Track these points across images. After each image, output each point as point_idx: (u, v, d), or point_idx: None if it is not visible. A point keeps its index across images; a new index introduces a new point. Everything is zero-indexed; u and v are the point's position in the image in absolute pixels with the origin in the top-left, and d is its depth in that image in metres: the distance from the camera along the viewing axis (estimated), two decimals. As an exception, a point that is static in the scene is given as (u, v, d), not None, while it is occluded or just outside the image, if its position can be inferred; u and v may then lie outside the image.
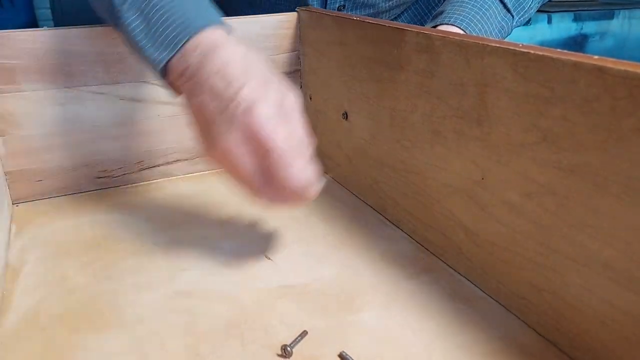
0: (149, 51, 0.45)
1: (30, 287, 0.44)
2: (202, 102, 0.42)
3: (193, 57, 0.43)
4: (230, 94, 0.41)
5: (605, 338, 0.33)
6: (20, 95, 0.56)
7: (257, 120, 0.40)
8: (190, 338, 0.38)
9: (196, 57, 0.43)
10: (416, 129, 0.47)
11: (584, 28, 1.74)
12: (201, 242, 0.51)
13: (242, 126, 0.40)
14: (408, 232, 0.52)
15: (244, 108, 0.40)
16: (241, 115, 0.40)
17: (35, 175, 0.59)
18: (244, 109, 0.40)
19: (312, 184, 0.42)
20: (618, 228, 0.31)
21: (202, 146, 0.44)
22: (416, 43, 0.45)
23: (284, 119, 0.41)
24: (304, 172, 0.41)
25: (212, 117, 0.42)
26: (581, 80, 0.31)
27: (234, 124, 0.41)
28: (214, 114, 0.42)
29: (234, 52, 0.43)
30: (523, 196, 0.37)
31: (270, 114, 0.40)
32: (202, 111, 0.43)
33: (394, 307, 0.41)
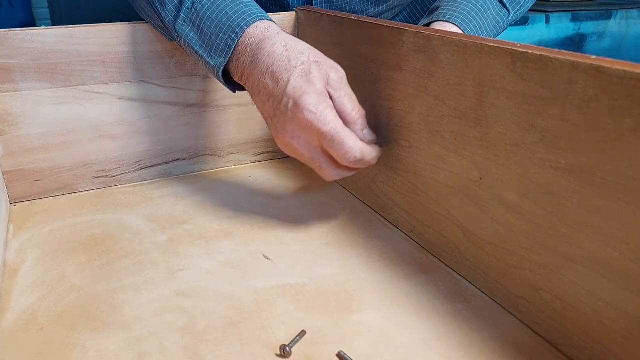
0: (207, 60, 0.50)
1: (28, 287, 0.44)
2: (261, 101, 0.48)
3: (244, 59, 0.49)
4: (279, 92, 0.46)
5: (603, 337, 0.33)
6: (18, 94, 0.56)
7: (305, 113, 0.44)
8: (189, 338, 0.38)
9: (247, 58, 0.49)
10: (414, 129, 0.48)
11: (581, 28, 1.75)
12: (199, 241, 0.51)
13: (294, 120, 0.45)
14: (406, 231, 0.52)
15: (292, 104, 0.45)
16: (291, 111, 0.45)
17: (33, 174, 0.59)
18: (292, 105, 0.45)
19: (369, 153, 0.47)
20: (616, 228, 0.31)
21: (274, 136, 0.49)
22: (414, 43, 0.45)
23: (331, 99, 0.46)
24: (357, 148, 0.45)
25: (270, 113, 0.47)
26: (579, 80, 0.31)
27: (287, 119, 0.45)
28: (271, 111, 0.47)
29: (275, 47, 0.47)
30: (521, 196, 0.37)
31: (315, 102, 0.44)
32: (263, 109, 0.48)
33: (392, 306, 0.41)
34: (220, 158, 0.68)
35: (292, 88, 0.45)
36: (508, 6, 0.64)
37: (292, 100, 0.45)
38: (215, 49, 0.50)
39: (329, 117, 0.44)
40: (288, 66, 0.46)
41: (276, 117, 0.47)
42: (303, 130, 0.45)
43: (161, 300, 0.42)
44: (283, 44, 0.47)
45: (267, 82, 0.47)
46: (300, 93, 0.44)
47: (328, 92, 0.46)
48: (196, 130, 0.65)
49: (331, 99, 0.46)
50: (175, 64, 0.61)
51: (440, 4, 0.64)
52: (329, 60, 0.48)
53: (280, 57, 0.47)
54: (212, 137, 0.66)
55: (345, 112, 0.46)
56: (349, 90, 0.47)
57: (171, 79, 0.62)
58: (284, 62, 0.46)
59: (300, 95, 0.44)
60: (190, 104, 0.64)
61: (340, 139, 0.44)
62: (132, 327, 0.39)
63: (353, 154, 0.45)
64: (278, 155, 0.72)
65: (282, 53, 0.47)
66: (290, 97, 0.45)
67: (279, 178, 0.65)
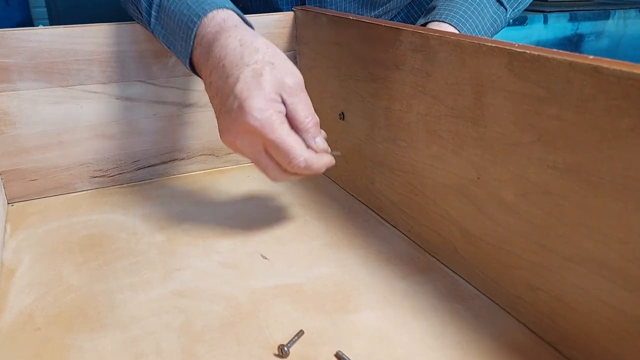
0: (177, 55, 0.50)
1: (25, 287, 0.44)
2: (210, 95, 0.46)
3: (200, 49, 0.47)
4: (227, 90, 0.43)
5: (600, 337, 0.33)
6: (15, 94, 0.56)
7: (248, 118, 0.42)
8: (186, 338, 0.38)
9: (203, 49, 0.46)
10: (412, 129, 0.47)
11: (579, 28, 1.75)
12: (197, 241, 0.51)
13: (237, 122, 0.42)
14: (404, 231, 0.52)
15: (237, 105, 0.42)
16: (235, 112, 0.42)
17: (30, 174, 0.59)
18: (237, 106, 0.42)
19: (316, 161, 0.44)
20: (613, 227, 0.31)
21: (219, 131, 0.46)
22: (412, 42, 0.45)
23: (284, 104, 0.43)
24: (302, 157, 0.43)
25: (217, 109, 0.45)
26: (576, 80, 0.31)
27: (231, 120, 0.43)
28: (217, 107, 0.45)
29: (229, 40, 0.44)
30: (518, 196, 0.37)
31: (261, 107, 0.42)
32: (212, 104, 0.46)
33: (390, 306, 0.41)
34: (218, 158, 0.68)
35: (240, 88, 0.42)
36: (505, 4, 0.64)
37: (237, 101, 0.42)
38: (180, 41, 0.48)
39: (274, 125, 0.42)
40: (240, 63, 0.43)
41: (222, 115, 0.44)
42: (246, 133, 0.43)
43: (158, 301, 0.42)
44: (238, 39, 0.44)
45: (217, 77, 0.44)
46: (246, 95, 0.42)
47: (282, 97, 0.43)
48: (194, 130, 0.65)
49: (284, 104, 0.44)
50: (173, 63, 0.61)
51: (436, 3, 0.63)
52: (287, 62, 0.45)
53: (232, 52, 0.44)
54: (210, 137, 0.66)
55: (298, 120, 0.44)
56: (305, 97, 0.45)
57: (169, 79, 0.62)
58: (236, 59, 0.43)
59: (246, 97, 0.42)
60: (187, 103, 0.64)
61: (285, 148, 0.43)
62: (129, 327, 0.39)
63: (297, 163, 0.43)
64: (276, 155, 0.71)
65: (236, 48, 0.44)
66: (236, 98, 0.42)
67: (276, 178, 0.65)
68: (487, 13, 0.62)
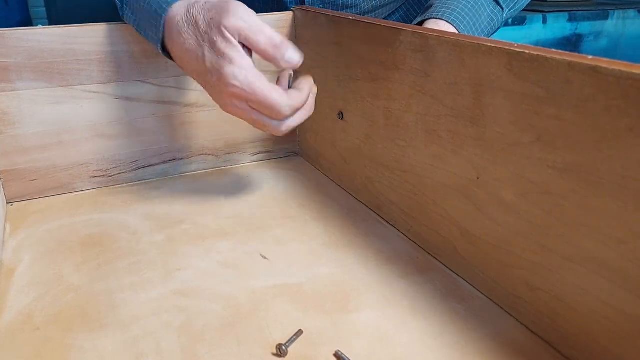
0: (148, 39, 0.52)
1: (25, 287, 0.44)
2: (191, 75, 0.50)
3: (167, 34, 0.49)
4: (202, 69, 0.47)
5: (600, 337, 0.33)
6: (15, 94, 0.56)
7: (229, 87, 0.46)
8: (186, 337, 0.38)
9: (169, 35, 0.49)
10: (411, 129, 0.48)
11: (578, 28, 1.75)
12: (197, 241, 0.51)
13: (223, 92, 0.47)
14: (403, 231, 0.52)
15: (216, 79, 0.46)
16: (217, 85, 0.47)
17: (30, 174, 0.59)
18: (216, 79, 0.46)
19: (300, 101, 0.49)
20: (613, 227, 0.31)
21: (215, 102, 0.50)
22: (411, 42, 0.45)
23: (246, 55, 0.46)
24: (288, 106, 0.47)
25: (203, 86, 0.49)
26: (576, 80, 0.32)
27: (216, 92, 0.48)
28: (203, 84, 0.49)
29: (180, 24, 0.48)
30: (518, 195, 0.37)
31: (233, 73, 0.45)
32: (197, 81, 0.50)
33: (389, 306, 0.41)
34: (218, 158, 0.68)
35: (210, 64, 0.46)
36: (502, 4, 0.64)
37: (215, 76, 0.46)
38: (151, 28, 0.51)
39: (252, 85, 0.45)
40: (198, 43, 0.47)
41: (209, 89, 0.49)
42: (234, 98, 0.47)
43: (158, 300, 0.42)
44: (185, 20, 0.47)
45: (189, 60, 0.48)
46: (217, 67, 0.46)
47: (240, 43, 0.46)
48: (193, 129, 0.65)
49: (244, 45, 0.46)
50: (172, 63, 0.61)
51: (434, 2, 0.64)
52: (220, 3, 0.47)
53: (187, 34, 0.47)
54: (210, 136, 0.66)
55: (258, 46, 0.46)
56: (252, 21, 0.46)
57: (168, 79, 0.62)
58: (193, 40, 0.47)
59: (218, 69, 0.45)
60: (187, 103, 0.64)
61: (269, 104, 0.46)
62: (130, 327, 0.39)
63: (284, 113, 0.47)
64: (275, 155, 0.72)
65: (188, 30, 0.47)
66: (212, 73, 0.46)
67: (276, 178, 0.65)
68: (484, 12, 0.62)
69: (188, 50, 0.47)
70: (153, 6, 0.50)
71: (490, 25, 0.64)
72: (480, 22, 0.62)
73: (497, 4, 0.64)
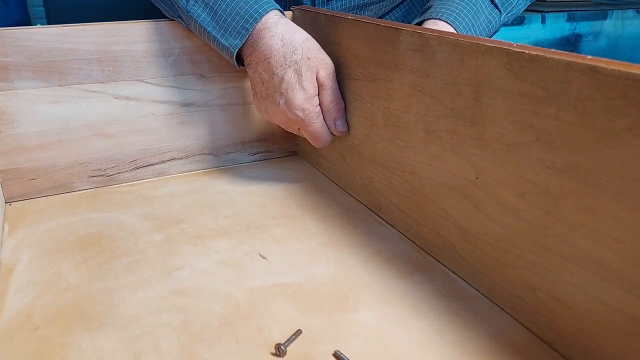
0: (221, 40, 0.55)
1: (24, 286, 0.44)
2: (255, 80, 0.56)
3: (253, 42, 0.54)
4: (273, 85, 0.54)
5: (598, 336, 0.33)
6: (14, 93, 0.55)
7: (293, 112, 0.54)
8: (185, 337, 0.38)
9: (248, 45, 0.55)
10: (410, 129, 0.48)
11: (577, 28, 1.75)
12: (195, 241, 0.51)
13: (284, 112, 0.55)
14: (402, 231, 0.52)
15: (284, 102, 0.54)
16: (282, 105, 0.54)
17: (29, 173, 0.59)
18: (284, 102, 0.54)
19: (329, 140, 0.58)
20: (611, 227, 0.31)
21: (255, 105, 0.59)
22: (411, 42, 0.45)
23: (317, 97, 0.55)
24: (326, 142, 0.58)
25: (261, 95, 0.56)
26: (575, 80, 0.32)
27: (278, 109, 0.55)
28: (262, 93, 0.56)
29: (273, 40, 0.53)
30: (517, 195, 0.37)
31: (303, 105, 0.54)
32: (255, 87, 0.57)
33: (389, 305, 0.41)
34: (217, 157, 0.68)
35: (285, 87, 0.53)
36: (500, 7, 0.65)
37: (284, 98, 0.54)
38: (231, 31, 0.54)
39: (312, 120, 0.55)
40: (283, 63, 0.53)
41: (267, 100, 0.56)
42: (289, 119, 0.55)
43: (157, 300, 0.42)
44: (280, 38, 0.53)
45: (262, 70, 0.54)
46: (292, 95, 0.53)
47: (317, 88, 0.54)
48: (192, 129, 0.65)
49: (318, 93, 0.54)
50: (172, 63, 0.61)
51: (433, 2, 0.64)
52: (320, 54, 0.54)
53: (276, 52, 0.53)
54: (209, 136, 0.66)
55: (324, 105, 0.55)
56: (333, 84, 0.55)
57: (167, 78, 0.62)
58: (280, 58, 0.53)
59: (292, 96, 0.53)
60: (186, 103, 0.64)
61: (316, 137, 0.57)
62: (128, 326, 0.39)
63: (321, 145, 0.58)
64: (274, 155, 0.72)
65: (279, 48, 0.53)
66: (282, 95, 0.54)
67: (275, 177, 0.65)
68: (483, 14, 0.63)
69: (269, 63, 0.53)
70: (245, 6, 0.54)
71: (488, 27, 0.64)
72: (478, 24, 0.62)
73: (495, 6, 0.64)
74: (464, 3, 0.61)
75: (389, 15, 0.80)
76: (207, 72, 0.63)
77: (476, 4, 0.62)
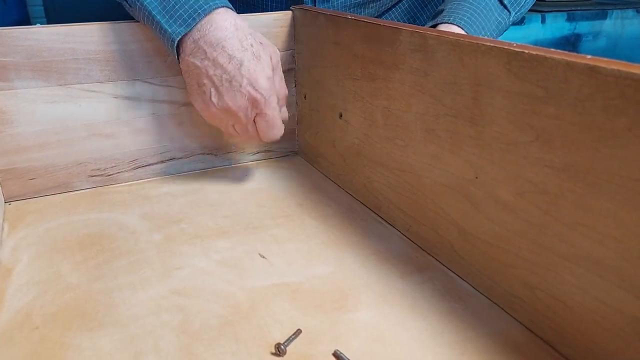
0: (165, 26, 0.53)
1: (23, 286, 0.44)
2: (205, 67, 0.53)
3: (201, 31, 0.53)
4: (232, 69, 0.52)
5: (597, 336, 0.33)
6: (13, 92, 0.55)
7: (256, 94, 0.53)
8: (184, 337, 0.38)
9: (201, 30, 0.53)
10: (410, 128, 0.48)
11: (577, 28, 1.75)
12: (195, 240, 0.51)
13: (245, 95, 0.53)
14: (402, 230, 0.52)
15: (247, 83, 0.52)
16: (244, 88, 0.53)
17: (28, 173, 0.59)
18: (246, 83, 0.52)
19: (281, 131, 0.57)
20: (610, 227, 0.31)
21: (196, 103, 0.56)
22: (410, 42, 0.45)
23: (274, 78, 0.55)
24: (281, 131, 0.57)
25: (213, 81, 0.53)
26: (574, 79, 0.32)
27: (236, 93, 0.53)
28: (215, 79, 0.53)
29: (225, 23, 0.52)
30: (516, 195, 0.37)
31: (267, 86, 0.53)
32: (204, 75, 0.53)
33: (388, 305, 0.41)
34: (216, 157, 0.68)
35: (247, 69, 0.52)
36: (509, 7, 0.65)
37: (246, 79, 0.52)
38: (177, 18, 0.53)
39: (272, 102, 0.54)
40: (240, 47, 0.52)
41: (221, 88, 0.53)
42: (251, 100, 0.53)
43: (157, 299, 0.42)
44: (232, 23, 0.53)
45: (215, 57, 0.52)
46: (255, 76, 0.52)
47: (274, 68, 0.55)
48: (192, 129, 0.65)
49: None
50: (171, 62, 0.61)
51: (444, 6, 0.65)
52: (267, 41, 0.57)
53: (232, 36, 0.52)
54: (208, 136, 0.66)
55: (281, 93, 0.57)
56: (280, 71, 0.58)
57: (167, 78, 0.62)
58: (236, 42, 0.52)
59: (257, 76, 0.52)
60: (186, 102, 0.64)
61: (274, 122, 0.55)
62: (128, 326, 0.39)
63: (276, 136, 0.57)
64: (274, 155, 0.72)
65: (234, 32, 0.52)
66: (244, 77, 0.52)
67: (274, 177, 0.65)
68: (492, 16, 0.64)
69: (223, 47, 0.52)
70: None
71: (498, 28, 0.65)
72: (489, 26, 0.63)
73: (504, 7, 0.65)
74: (474, 6, 0.62)
75: (389, 12, 0.80)
76: (206, 72, 0.63)
77: (486, 6, 0.63)
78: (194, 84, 0.55)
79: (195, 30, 0.52)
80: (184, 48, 0.54)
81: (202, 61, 0.53)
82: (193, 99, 0.56)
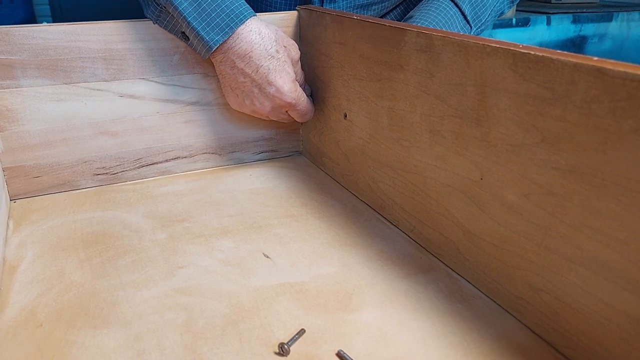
0: (201, 33, 0.55)
1: (28, 284, 0.44)
2: (235, 75, 0.58)
3: (229, 42, 0.56)
4: (259, 77, 0.57)
5: (602, 338, 0.33)
6: (19, 91, 0.56)
7: (286, 97, 0.58)
8: (188, 335, 0.38)
9: (229, 41, 0.56)
10: (415, 129, 0.48)
11: (582, 30, 1.75)
12: (199, 239, 0.51)
13: (274, 100, 0.59)
14: (406, 231, 0.52)
15: (275, 89, 0.57)
16: (273, 94, 0.58)
17: (33, 171, 0.59)
18: (275, 90, 0.58)
19: (312, 110, 0.64)
20: (616, 229, 0.31)
21: (230, 101, 0.62)
22: (416, 43, 0.45)
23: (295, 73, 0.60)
24: (312, 113, 0.64)
25: (243, 87, 0.59)
26: (581, 81, 0.31)
27: (266, 98, 0.59)
28: (245, 86, 0.58)
29: (251, 34, 0.56)
30: (521, 196, 0.37)
31: (293, 88, 0.58)
32: (234, 80, 0.59)
33: (392, 305, 0.41)
34: (221, 156, 0.68)
35: (274, 77, 0.57)
36: (471, 23, 0.70)
37: (274, 87, 0.57)
38: (214, 26, 0.55)
39: (301, 99, 0.60)
40: (266, 55, 0.56)
41: (252, 93, 0.59)
42: (278, 105, 0.59)
43: (160, 298, 0.42)
44: (258, 32, 0.56)
45: (244, 66, 0.56)
46: (282, 82, 0.57)
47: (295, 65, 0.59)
48: (197, 128, 0.65)
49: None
50: (177, 61, 0.61)
51: (413, 13, 0.69)
52: (289, 39, 0.60)
53: (257, 46, 0.56)
54: (213, 135, 0.66)
55: (298, 77, 0.62)
56: (299, 62, 0.62)
57: (172, 77, 0.62)
58: (262, 51, 0.56)
59: (282, 83, 0.57)
60: (191, 101, 0.64)
61: (305, 112, 0.62)
62: (132, 324, 0.39)
63: (309, 118, 0.64)
64: (279, 154, 0.72)
65: (259, 42, 0.56)
66: (271, 84, 0.57)
67: (279, 177, 0.65)
68: (456, 28, 0.69)
69: (250, 58, 0.56)
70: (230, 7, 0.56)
71: None
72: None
73: (467, 22, 0.69)
74: (440, 17, 0.67)
75: (390, 14, 0.80)
76: (211, 71, 0.63)
77: (450, 18, 0.68)
78: (227, 85, 0.60)
79: (229, 39, 0.55)
80: (214, 55, 0.57)
81: (232, 69, 0.57)
82: (228, 98, 0.62)
